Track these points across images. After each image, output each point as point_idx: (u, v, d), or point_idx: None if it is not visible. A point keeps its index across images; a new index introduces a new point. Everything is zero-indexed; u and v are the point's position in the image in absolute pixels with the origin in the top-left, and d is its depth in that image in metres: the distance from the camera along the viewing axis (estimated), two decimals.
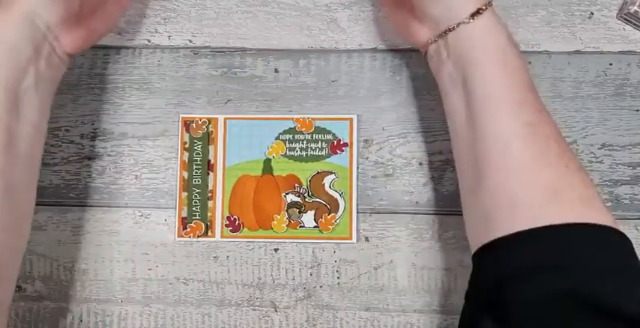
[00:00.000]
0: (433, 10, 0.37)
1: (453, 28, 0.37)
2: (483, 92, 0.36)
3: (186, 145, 0.47)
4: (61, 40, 0.39)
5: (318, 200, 0.46)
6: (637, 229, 0.45)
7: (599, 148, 0.45)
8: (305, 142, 0.46)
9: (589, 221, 0.33)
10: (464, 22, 0.36)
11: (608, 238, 0.33)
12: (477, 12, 0.36)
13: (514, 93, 0.35)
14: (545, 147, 0.34)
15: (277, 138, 0.47)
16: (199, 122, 0.47)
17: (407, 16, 0.41)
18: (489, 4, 0.37)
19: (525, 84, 0.36)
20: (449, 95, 0.38)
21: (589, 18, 0.46)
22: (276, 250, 0.46)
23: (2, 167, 0.35)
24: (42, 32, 0.37)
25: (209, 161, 0.47)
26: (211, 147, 0.47)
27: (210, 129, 0.47)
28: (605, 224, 0.33)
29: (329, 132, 0.46)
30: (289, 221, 0.46)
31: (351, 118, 0.46)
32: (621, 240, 0.33)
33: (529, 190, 0.34)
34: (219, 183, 0.46)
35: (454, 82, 0.38)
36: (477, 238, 0.36)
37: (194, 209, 0.46)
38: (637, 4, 0.45)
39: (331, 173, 0.46)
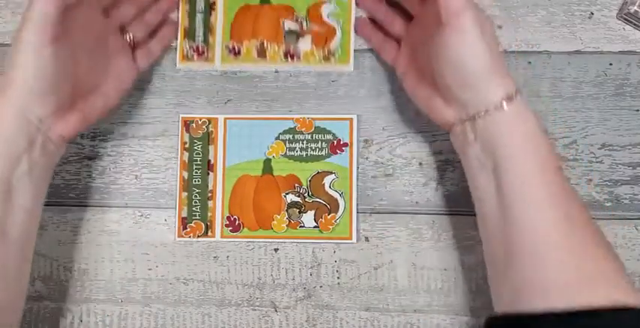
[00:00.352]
0: (462, 94, 0.37)
1: (482, 114, 0.36)
2: (515, 180, 0.35)
3: (186, 145, 0.47)
4: (55, 128, 0.38)
5: (318, 200, 0.46)
6: (637, 229, 0.45)
7: (599, 148, 0.45)
8: (305, 142, 0.46)
9: (621, 304, 0.33)
10: (494, 109, 0.36)
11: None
12: (507, 98, 0.36)
13: (546, 182, 0.35)
14: (578, 234, 0.34)
15: (277, 138, 0.47)
16: (199, 122, 0.47)
17: (430, 93, 0.40)
18: (518, 90, 0.36)
19: (556, 169, 0.36)
20: (476, 177, 0.38)
21: (589, 18, 0.46)
22: (276, 250, 0.46)
23: None
24: (35, 125, 0.37)
25: (209, 161, 0.47)
26: (211, 147, 0.47)
27: (210, 129, 0.47)
28: (637, 306, 0.33)
29: (329, 132, 0.46)
30: (289, 221, 0.46)
31: (351, 118, 0.46)
32: None
33: (562, 276, 0.34)
34: (219, 183, 0.46)
35: (483, 165, 0.37)
36: (503, 306, 0.37)
37: (194, 209, 0.46)
38: (637, 4, 0.45)
39: (331, 173, 0.46)
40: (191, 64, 0.47)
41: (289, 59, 0.47)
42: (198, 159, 0.47)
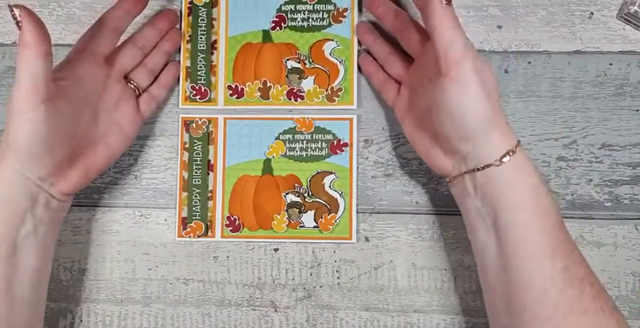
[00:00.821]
0: (461, 145, 0.36)
1: (482, 168, 0.36)
2: (516, 237, 0.35)
3: (186, 145, 0.47)
4: (56, 185, 0.38)
5: (318, 200, 0.46)
6: (637, 229, 0.45)
7: (599, 148, 0.45)
8: (305, 142, 0.46)
9: None
10: (494, 164, 0.35)
11: None
12: (508, 153, 0.35)
13: (547, 237, 0.35)
14: (581, 292, 0.34)
15: (277, 138, 0.47)
16: (199, 122, 0.47)
17: (429, 142, 0.39)
18: (518, 143, 0.36)
19: (557, 225, 0.35)
20: (477, 230, 0.37)
21: (589, 18, 0.46)
22: (276, 250, 0.46)
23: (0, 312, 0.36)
24: (35, 184, 0.36)
25: (209, 161, 0.47)
26: (211, 147, 0.47)
27: (210, 129, 0.47)
28: None
29: (329, 132, 0.46)
30: (289, 221, 0.46)
31: (351, 118, 0.46)
32: None
33: None
34: (219, 183, 0.46)
35: (482, 218, 0.37)
36: None
37: (194, 209, 0.46)
38: (637, 4, 0.45)
39: (331, 173, 0.46)
40: (194, 105, 0.47)
41: (292, 99, 0.46)
42: (198, 159, 0.47)
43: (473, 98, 0.34)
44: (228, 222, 0.46)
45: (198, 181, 0.46)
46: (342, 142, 0.46)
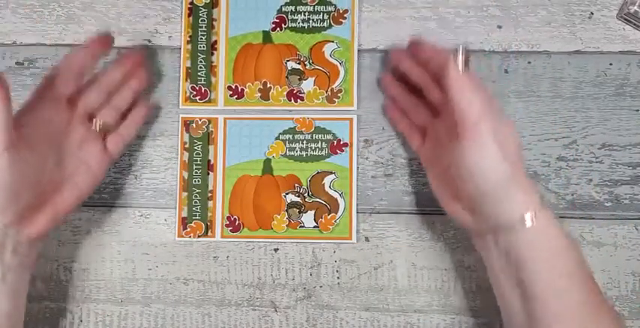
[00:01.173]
0: (483, 205, 0.36)
1: (505, 229, 0.35)
2: (542, 298, 0.34)
3: (186, 145, 0.47)
4: (23, 232, 0.37)
5: (318, 200, 0.46)
6: (637, 229, 0.45)
7: (599, 148, 0.45)
8: (305, 142, 0.46)
9: None
10: (517, 225, 0.35)
11: None
12: (531, 215, 0.35)
13: (575, 295, 0.34)
14: None
15: (277, 138, 0.47)
16: (199, 122, 0.47)
17: (452, 196, 0.39)
18: (543, 204, 0.35)
19: (583, 282, 0.35)
20: (501, 287, 0.37)
21: (589, 18, 0.46)
22: (276, 250, 0.46)
23: None
24: (1, 231, 0.36)
25: (209, 161, 0.47)
26: (211, 147, 0.47)
27: (210, 129, 0.47)
28: None
29: (329, 132, 0.46)
30: (289, 221, 0.46)
31: (351, 118, 0.46)
32: None
33: None
34: (219, 183, 0.46)
35: (507, 276, 0.36)
36: None
37: (194, 209, 0.46)
38: (637, 4, 0.45)
39: (331, 173, 0.46)
40: (194, 106, 0.47)
41: (292, 100, 0.46)
42: (198, 159, 0.47)
43: (491, 159, 0.34)
44: (228, 222, 0.46)
45: (198, 181, 0.46)
46: (342, 142, 0.46)
